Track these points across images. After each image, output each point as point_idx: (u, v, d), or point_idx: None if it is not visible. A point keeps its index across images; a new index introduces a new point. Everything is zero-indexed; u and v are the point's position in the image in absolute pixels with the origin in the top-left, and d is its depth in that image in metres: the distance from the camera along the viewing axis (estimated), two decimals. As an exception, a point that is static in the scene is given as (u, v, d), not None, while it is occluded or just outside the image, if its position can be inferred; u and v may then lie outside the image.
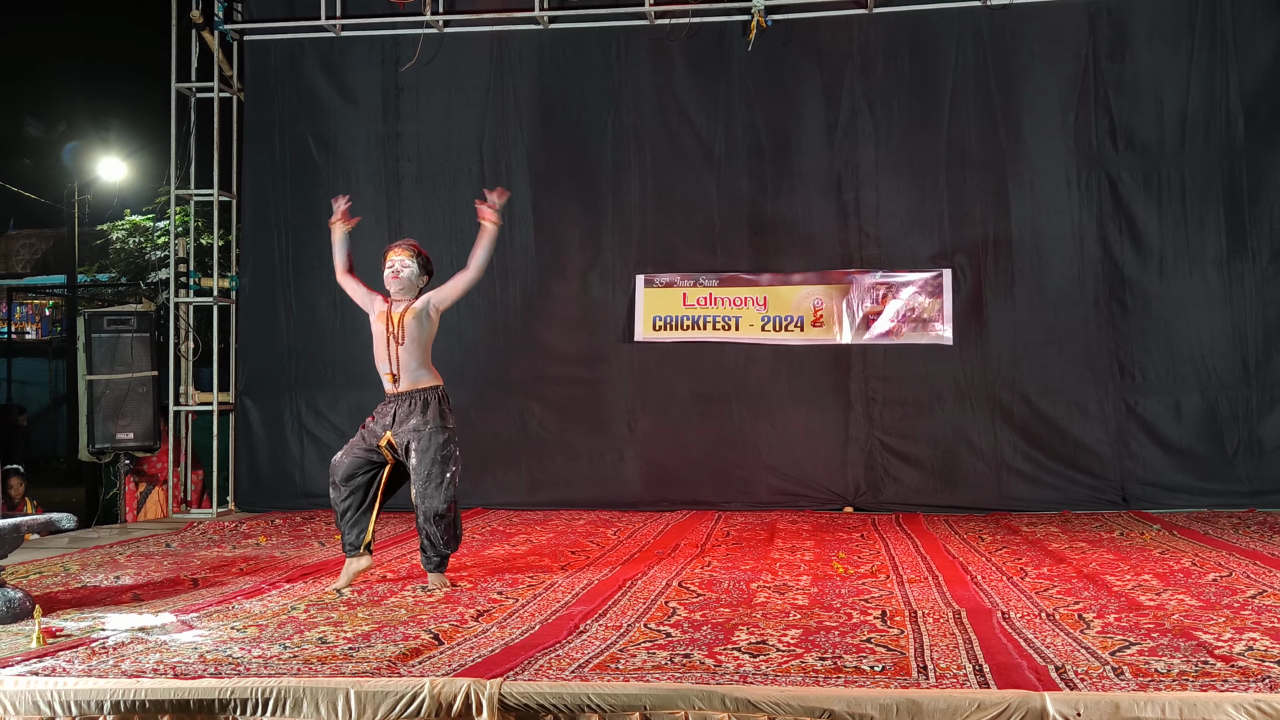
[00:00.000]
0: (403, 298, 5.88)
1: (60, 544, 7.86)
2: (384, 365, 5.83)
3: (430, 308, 5.85)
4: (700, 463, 9.54)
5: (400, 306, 5.85)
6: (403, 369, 5.78)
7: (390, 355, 5.79)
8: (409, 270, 5.87)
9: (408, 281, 5.87)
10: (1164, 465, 9.10)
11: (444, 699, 3.59)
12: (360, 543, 5.83)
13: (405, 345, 5.77)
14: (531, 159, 9.86)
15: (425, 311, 5.83)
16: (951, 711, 3.39)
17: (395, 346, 5.77)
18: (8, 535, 5.10)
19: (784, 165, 9.59)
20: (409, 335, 5.77)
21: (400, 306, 5.85)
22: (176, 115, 10.09)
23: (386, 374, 5.82)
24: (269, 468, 10.00)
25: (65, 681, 3.79)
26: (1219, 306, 9.14)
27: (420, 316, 5.82)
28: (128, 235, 16.85)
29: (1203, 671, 3.76)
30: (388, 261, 5.92)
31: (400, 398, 5.79)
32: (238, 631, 4.66)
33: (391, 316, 5.82)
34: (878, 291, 9.38)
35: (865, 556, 6.69)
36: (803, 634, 4.48)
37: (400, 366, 5.78)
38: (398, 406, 5.78)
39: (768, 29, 9.38)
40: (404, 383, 5.78)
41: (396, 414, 5.77)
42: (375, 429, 5.83)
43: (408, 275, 5.87)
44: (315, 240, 9.88)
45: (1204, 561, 6.22)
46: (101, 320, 9.67)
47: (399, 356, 5.77)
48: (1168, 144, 9.23)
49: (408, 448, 5.75)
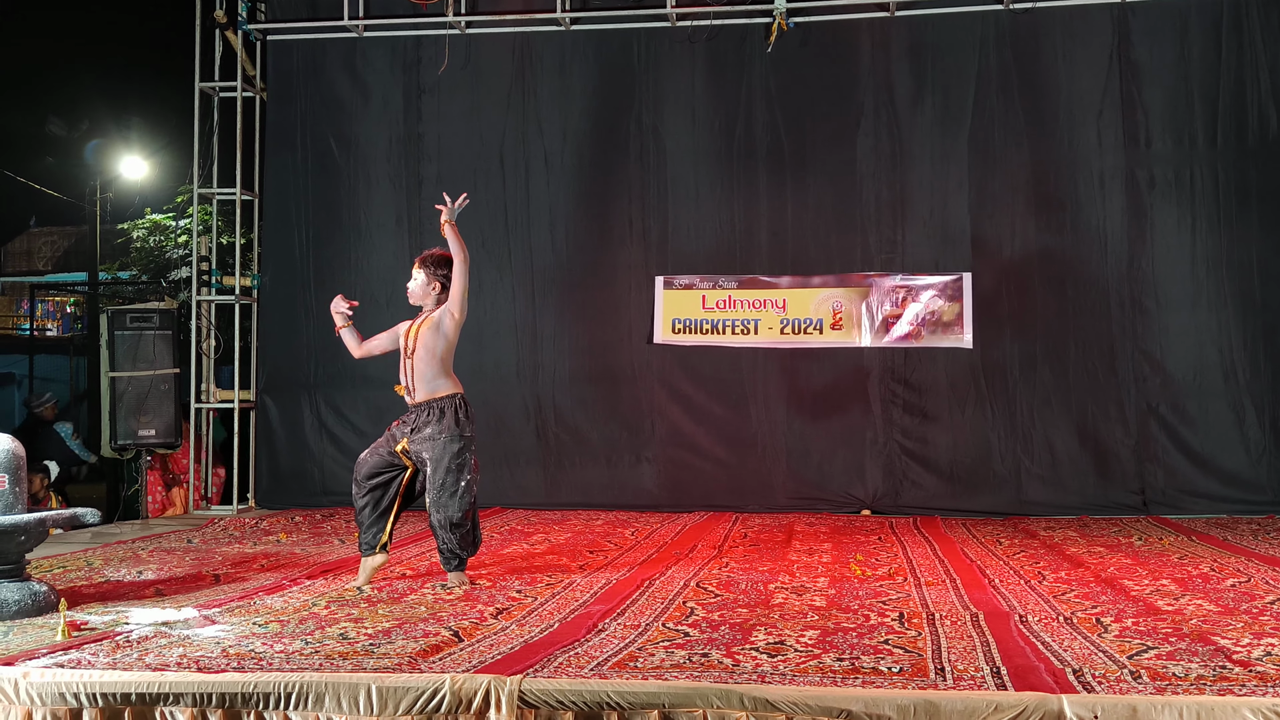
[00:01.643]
0: (425, 311, 5.90)
1: (83, 539, 7.93)
2: (401, 377, 5.85)
3: (445, 315, 5.80)
4: (718, 465, 9.55)
5: (419, 320, 5.87)
6: (417, 380, 5.76)
7: (405, 367, 5.82)
8: (415, 283, 5.91)
9: (418, 293, 5.90)
10: (1187, 470, 9.05)
11: (464, 695, 3.62)
12: (376, 543, 5.83)
13: (417, 355, 5.76)
14: (551, 160, 9.89)
15: (440, 320, 5.80)
16: (969, 713, 3.40)
17: (409, 359, 5.79)
18: (33, 529, 5.15)
19: (804, 167, 9.60)
20: (421, 345, 5.76)
21: (419, 320, 5.87)
22: (200, 114, 10.16)
23: (401, 386, 5.85)
24: (289, 465, 10.05)
25: (90, 674, 3.82)
26: (1247, 309, 9.08)
27: (435, 326, 5.79)
28: (148, 234, 16.93)
29: (1220, 676, 3.75)
30: (412, 275, 5.96)
31: (419, 408, 5.78)
32: (259, 627, 4.70)
33: (409, 332, 5.85)
34: (898, 294, 9.38)
35: (883, 559, 6.69)
36: (820, 635, 4.50)
37: (415, 377, 5.77)
38: (417, 415, 5.78)
39: (789, 31, 9.40)
40: (420, 394, 5.76)
41: (416, 423, 5.77)
42: (395, 434, 5.85)
43: (415, 288, 5.91)
44: (336, 240, 9.97)
45: (1222, 567, 6.21)
46: (124, 317, 9.75)
47: (412, 368, 5.77)
48: (1195, 143, 9.17)
49: (423, 458, 5.75)
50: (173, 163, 18.76)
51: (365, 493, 5.87)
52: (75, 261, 25.47)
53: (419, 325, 5.82)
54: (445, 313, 5.81)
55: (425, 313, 5.88)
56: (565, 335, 9.83)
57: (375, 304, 9.01)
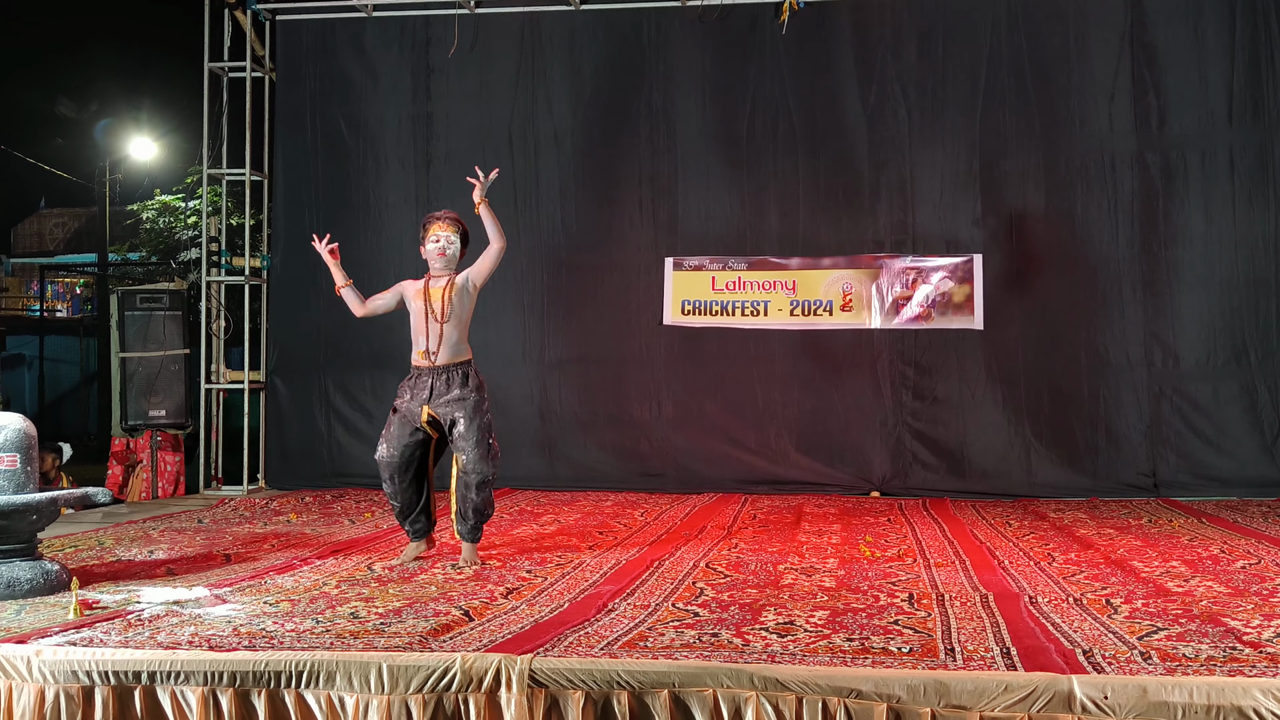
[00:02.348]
0: (444, 273, 5.89)
1: (94, 519, 7.96)
2: (422, 341, 5.83)
3: (470, 284, 5.87)
4: (728, 446, 9.55)
5: (441, 282, 5.86)
6: (444, 344, 5.79)
7: (431, 331, 5.80)
8: (454, 248, 5.91)
9: (452, 258, 5.91)
10: (1198, 453, 9.02)
11: (475, 673, 3.63)
12: (430, 528, 6.00)
13: (449, 321, 5.79)
14: (561, 140, 9.87)
15: (466, 288, 5.86)
16: (979, 693, 3.39)
17: (438, 323, 5.78)
18: (45, 509, 5.17)
19: (814, 148, 9.56)
20: (453, 311, 5.80)
21: (441, 282, 5.86)
22: (209, 95, 10.15)
23: (422, 350, 5.82)
24: (298, 446, 10.07)
25: (102, 652, 3.84)
26: (1260, 291, 9.04)
27: (462, 293, 5.84)
28: (158, 215, 16.97)
29: (1230, 657, 3.75)
30: (431, 234, 5.91)
31: (438, 371, 5.80)
32: (270, 606, 4.71)
33: (431, 292, 5.83)
34: (908, 276, 9.36)
35: (892, 540, 6.69)
36: (830, 615, 4.50)
37: (442, 341, 5.79)
38: (434, 379, 5.79)
39: (800, 11, 9.35)
40: (443, 357, 5.79)
41: (434, 387, 5.78)
42: (413, 407, 5.83)
43: (453, 253, 5.91)
44: (346, 221, 9.94)
45: (1233, 549, 6.20)
46: (134, 298, 9.77)
47: (441, 332, 5.78)
48: (1208, 124, 9.12)
49: (453, 419, 5.77)
50: (182, 144, 18.80)
51: (405, 489, 5.91)
52: (85, 243, 25.55)
53: (446, 289, 5.82)
54: (469, 281, 5.87)
55: (446, 275, 5.88)
56: (574, 316, 9.82)
57: (385, 283, 8.89)
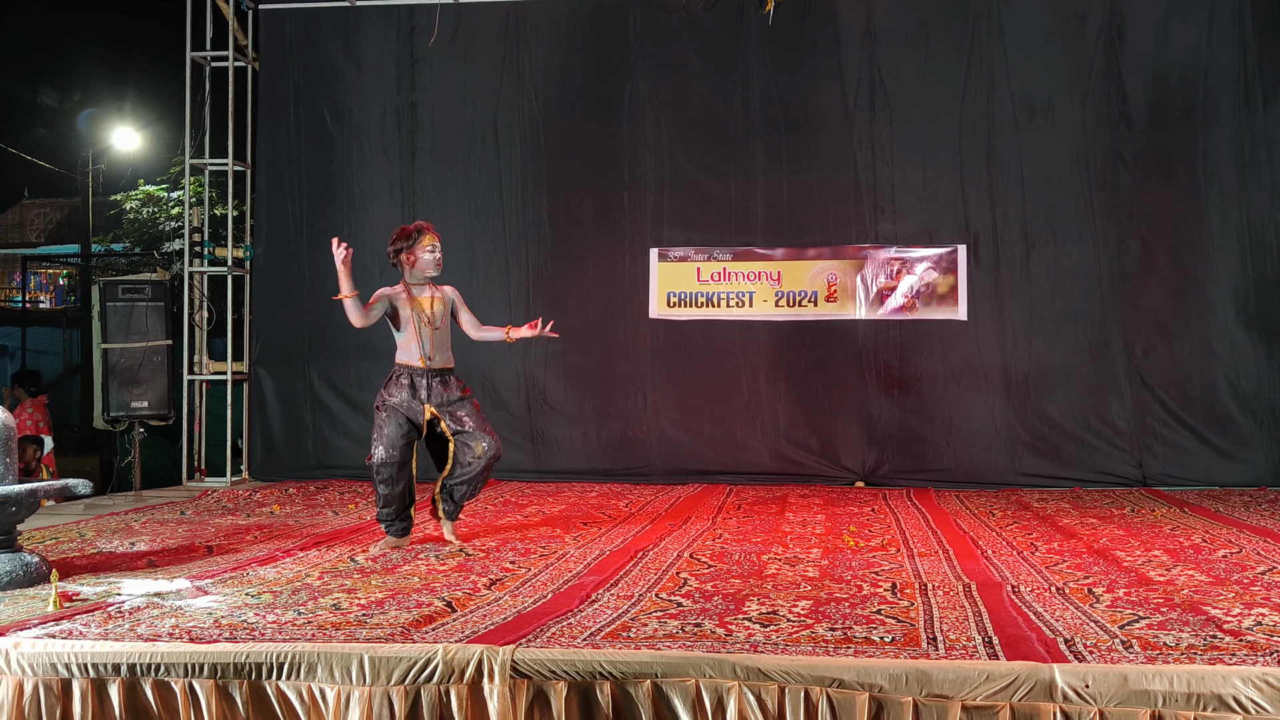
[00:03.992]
0: (427, 283, 6.09)
1: (75, 510, 7.93)
2: (416, 347, 6.02)
3: (452, 307, 6.19)
4: (713, 436, 9.56)
5: (426, 292, 6.08)
6: (437, 349, 6.06)
7: (425, 336, 6.02)
8: (439, 254, 6.12)
9: (439, 264, 6.12)
10: (1182, 442, 9.08)
11: (457, 665, 3.62)
12: (411, 525, 6.18)
13: (442, 330, 6.09)
14: (546, 131, 9.85)
15: (450, 306, 6.19)
16: (961, 682, 3.40)
17: (432, 330, 6.04)
18: (24, 500, 5.13)
19: (799, 140, 9.56)
20: (444, 320, 6.12)
21: (426, 292, 6.08)
22: (191, 84, 10.09)
23: (421, 356, 6.01)
24: (282, 437, 10.04)
25: (81, 644, 3.82)
26: (1240, 283, 9.10)
27: (447, 307, 6.17)
28: (141, 206, 16.88)
29: (1211, 645, 3.77)
30: (427, 244, 6.05)
31: (434, 373, 6.04)
32: (252, 597, 4.70)
33: (419, 301, 6.04)
34: (892, 267, 9.37)
35: (876, 530, 6.70)
36: (813, 605, 4.50)
37: (435, 348, 6.04)
38: (432, 380, 6.03)
39: (785, 3, 9.34)
40: (439, 360, 6.08)
41: (432, 387, 6.02)
42: (414, 406, 6.00)
43: (440, 259, 6.12)
44: (329, 211, 9.91)
45: (1214, 538, 6.22)
46: (117, 289, 9.72)
47: (433, 337, 6.04)
48: (1186, 121, 9.18)
49: (459, 416, 6.02)
50: (165, 134, 18.68)
51: (404, 485, 6.10)
52: (68, 233, 25.38)
53: (433, 301, 6.06)
54: (452, 304, 6.19)
55: (429, 286, 6.09)
56: (559, 307, 9.77)
57: (368, 275, 8.92)
